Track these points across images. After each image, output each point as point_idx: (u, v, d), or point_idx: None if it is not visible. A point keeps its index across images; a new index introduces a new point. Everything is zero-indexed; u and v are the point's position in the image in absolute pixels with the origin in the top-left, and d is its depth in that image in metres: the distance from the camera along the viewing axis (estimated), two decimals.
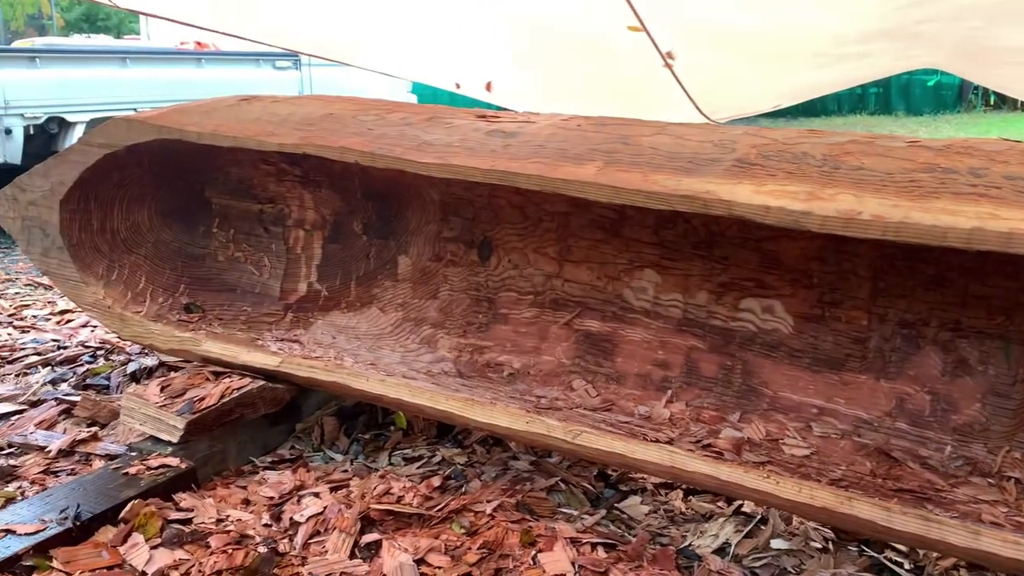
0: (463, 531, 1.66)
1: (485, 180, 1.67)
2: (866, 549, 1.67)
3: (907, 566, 1.61)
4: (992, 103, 13.75)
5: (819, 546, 1.67)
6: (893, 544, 1.64)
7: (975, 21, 2.67)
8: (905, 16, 2.69)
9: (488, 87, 3.20)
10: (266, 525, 1.67)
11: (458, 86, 3.24)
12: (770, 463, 1.62)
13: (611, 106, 3.31)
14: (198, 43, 6.66)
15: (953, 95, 13.80)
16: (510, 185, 1.66)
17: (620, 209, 1.97)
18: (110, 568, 1.50)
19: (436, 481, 1.86)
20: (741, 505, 1.81)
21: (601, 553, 1.59)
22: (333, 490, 1.80)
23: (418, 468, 1.98)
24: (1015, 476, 1.55)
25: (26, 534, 1.54)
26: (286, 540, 1.62)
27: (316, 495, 1.76)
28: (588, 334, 2.08)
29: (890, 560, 1.63)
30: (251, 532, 1.64)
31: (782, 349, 1.84)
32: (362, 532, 1.64)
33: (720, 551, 1.67)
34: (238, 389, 1.95)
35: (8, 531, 1.54)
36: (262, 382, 1.99)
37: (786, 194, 1.38)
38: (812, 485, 1.41)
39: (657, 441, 1.67)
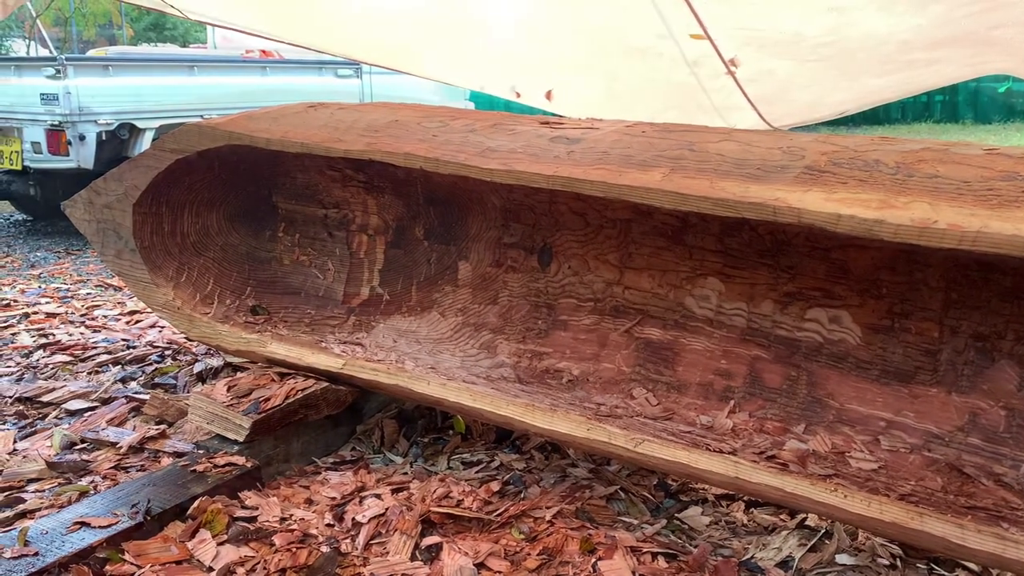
0: (523, 537, 1.66)
1: (549, 186, 1.68)
2: (936, 567, 1.62)
3: None
4: None
5: (886, 563, 1.63)
6: (964, 563, 1.60)
7: None
8: (977, 22, 2.62)
9: (548, 96, 3.20)
10: (328, 525, 1.70)
11: (518, 95, 3.26)
12: (836, 476, 1.59)
13: (672, 114, 3.30)
14: (263, 52, 6.81)
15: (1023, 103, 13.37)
16: (574, 191, 1.66)
17: (683, 216, 1.95)
18: (179, 563, 1.54)
19: (495, 486, 1.86)
20: (805, 519, 1.78)
21: (662, 563, 1.58)
22: (394, 492, 1.81)
23: (477, 473, 1.99)
24: None
25: (99, 527, 1.58)
26: (348, 540, 1.64)
27: (378, 496, 1.78)
28: (648, 342, 2.06)
29: None
30: (314, 531, 1.67)
31: (849, 360, 1.81)
32: (423, 535, 1.65)
33: (783, 564, 1.64)
34: (302, 391, 1.99)
35: (83, 523, 1.59)
36: (325, 384, 2.02)
37: (858, 202, 1.36)
38: (882, 500, 1.38)
39: (720, 451, 1.65)
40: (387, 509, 1.71)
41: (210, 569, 1.52)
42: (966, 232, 1.25)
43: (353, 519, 1.70)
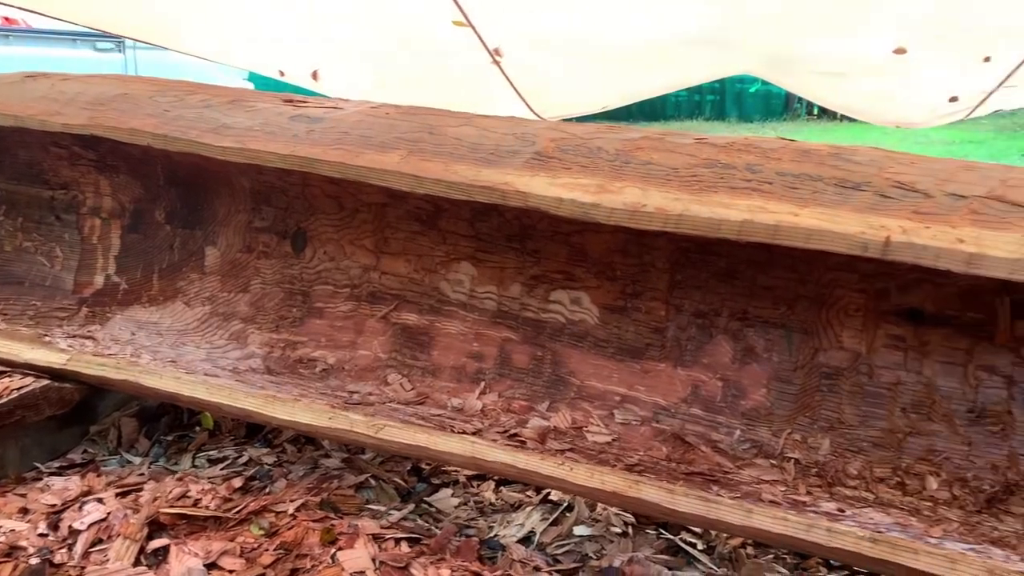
0: (262, 532, 1.59)
1: (285, 166, 1.62)
2: (664, 532, 1.73)
3: (700, 546, 1.69)
4: (815, 113, 14.75)
5: (619, 531, 1.72)
6: (688, 526, 1.72)
7: (778, 31, 2.84)
8: (718, 23, 2.83)
9: (315, 76, 3.11)
10: (42, 535, 1.55)
11: (282, 74, 3.14)
12: (572, 450, 1.65)
13: (443, 100, 3.30)
14: (6, 19, 6.13)
15: (780, 104, 14.73)
16: (311, 171, 1.61)
17: (435, 201, 1.95)
18: None
19: (238, 482, 1.78)
20: (548, 494, 1.84)
21: (404, 548, 1.57)
22: (122, 495, 1.68)
23: (222, 469, 1.89)
24: (795, 457, 1.65)
25: None
26: (64, 550, 1.50)
27: (100, 501, 1.64)
28: (405, 327, 2.05)
29: (684, 541, 1.70)
30: (24, 543, 1.51)
31: (589, 339, 1.89)
32: (150, 538, 1.54)
33: (526, 540, 1.69)
34: (18, 390, 1.80)
35: None
36: (47, 382, 1.84)
37: (578, 187, 1.41)
38: (604, 470, 1.45)
39: (463, 432, 1.66)
40: (109, 513, 1.58)
41: None
42: (670, 215, 1.33)
43: (70, 527, 1.56)
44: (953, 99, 3.22)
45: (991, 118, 11.14)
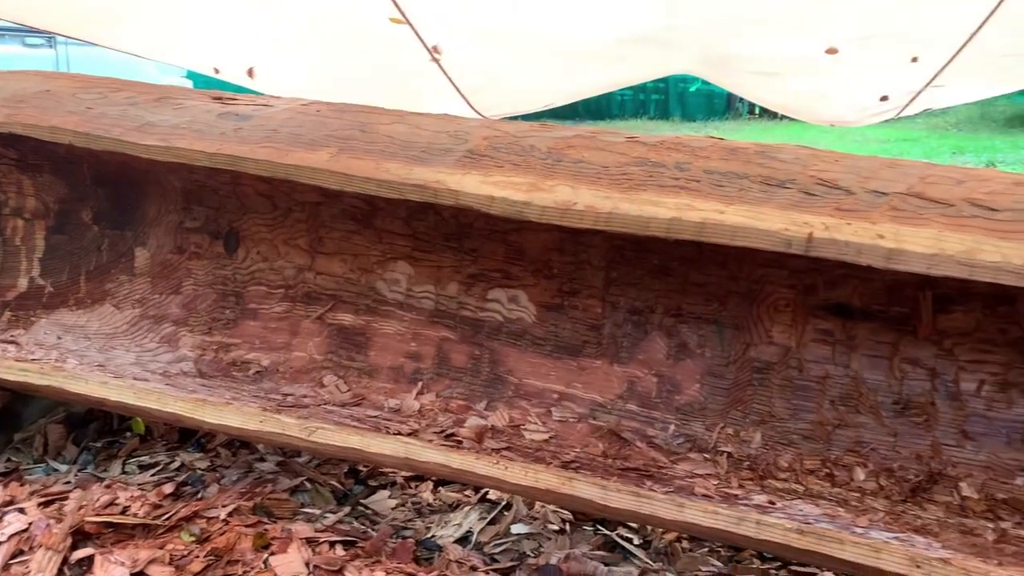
0: (193, 539, 1.56)
1: (211, 164, 1.58)
2: (601, 528, 1.74)
3: (636, 541, 1.70)
4: (756, 112, 14.99)
5: (557, 528, 1.72)
6: (625, 522, 1.73)
7: (714, 30, 2.88)
8: (655, 23, 2.85)
9: (251, 73, 3.05)
10: None
11: (217, 71, 3.07)
12: (509, 449, 1.65)
13: (382, 98, 3.27)
14: None
15: (723, 103, 14.96)
16: (239, 170, 1.58)
17: (370, 200, 1.93)
18: None
19: (169, 488, 1.74)
20: (487, 493, 1.84)
21: (339, 551, 1.55)
22: (46, 504, 1.63)
23: (152, 476, 1.85)
24: (727, 450, 1.67)
25: None
26: None
27: (22, 511, 1.59)
28: (341, 328, 2.02)
29: (621, 537, 1.71)
30: None
31: (526, 338, 1.89)
32: (74, 548, 1.50)
33: (463, 540, 1.68)
34: None
35: None
36: None
37: (510, 185, 1.41)
38: (538, 468, 1.45)
39: (399, 434, 1.65)
40: (31, 524, 1.53)
41: None
42: (600, 213, 1.34)
43: None
44: (884, 98, 3.30)
45: (925, 117, 11.47)
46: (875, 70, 3.02)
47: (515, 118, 4.28)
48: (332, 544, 1.57)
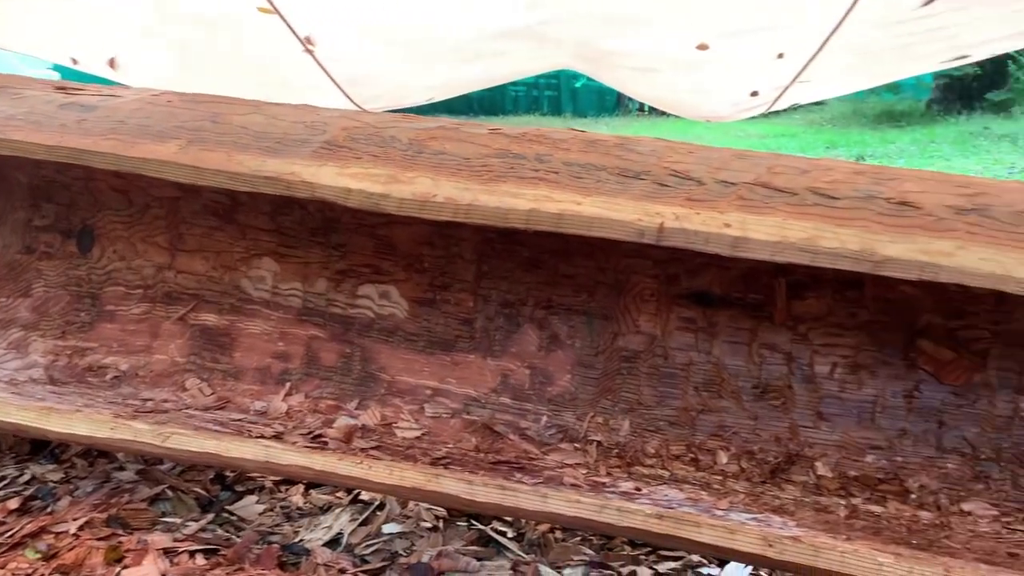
0: (38, 556, 1.46)
1: (50, 157, 1.49)
2: (475, 523, 1.73)
3: (510, 535, 1.70)
4: (645, 109, 15.32)
5: (430, 525, 1.70)
6: (496, 516, 1.72)
7: (587, 25, 2.90)
8: (528, 16, 2.86)
9: (112, 64, 2.89)
10: None
11: (75, 62, 2.90)
12: (378, 448, 1.62)
13: (256, 91, 3.17)
14: None
15: (613, 100, 15.23)
16: (81, 164, 1.49)
17: (232, 194, 1.86)
18: None
19: (14, 503, 1.63)
20: (359, 494, 1.80)
21: (199, 560, 1.49)
22: None
23: None
24: (597, 439, 1.69)
25: None
26: None
27: None
28: (204, 329, 1.94)
29: (495, 531, 1.70)
30: None
31: (399, 334, 1.86)
32: None
33: (333, 542, 1.64)
34: None
35: None
36: None
37: (368, 176, 1.38)
38: (403, 466, 1.42)
39: (262, 436, 1.59)
40: None
41: None
42: (459, 205, 1.32)
43: None
44: (754, 93, 3.42)
45: (803, 113, 12.00)
46: (744, 66, 3.12)
47: (399, 111, 4.22)
48: (192, 553, 1.50)
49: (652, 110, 14.66)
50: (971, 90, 11.88)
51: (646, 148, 1.44)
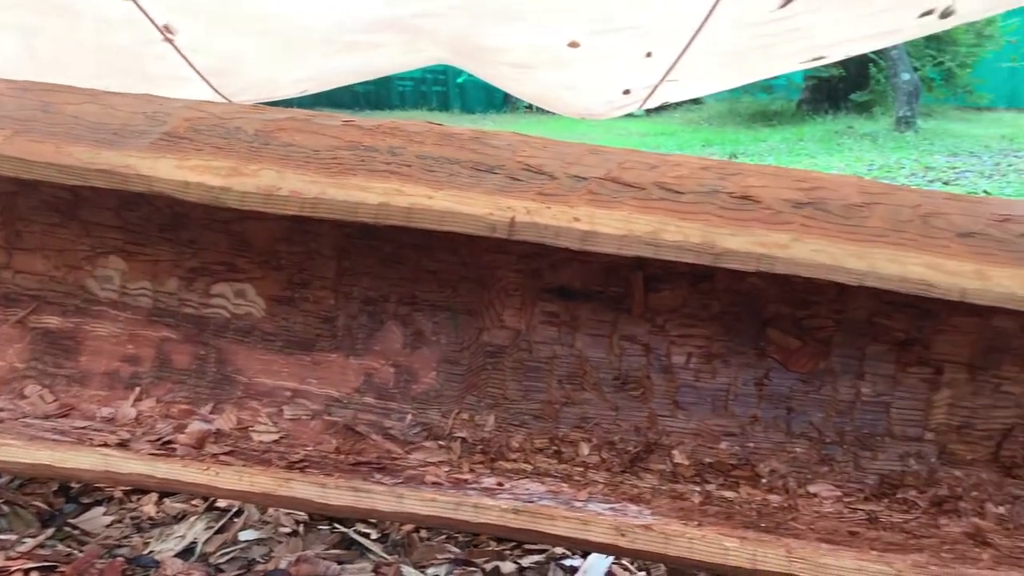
0: None
1: None
2: (338, 526, 1.69)
3: (374, 536, 1.67)
4: (533, 107, 15.46)
5: (289, 530, 1.65)
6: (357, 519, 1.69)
7: (461, 19, 2.89)
8: (400, 8, 2.81)
9: None
10: None
11: None
12: (232, 453, 1.56)
13: (112, 82, 3.01)
14: None
15: (501, 96, 15.28)
16: None
17: (74, 189, 1.74)
18: None
19: None
20: (215, 501, 1.73)
21: None
22: None
23: None
24: (462, 436, 1.68)
25: None
26: None
27: None
28: (47, 332, 1.82)
29: (359, 533, 1.67)
30: None
31: (256, 334, 1.79)
32: None
33: (187, 552, 1.57)
34: None
35: None
36: None
37: (209, 169, 1.32)
38: (254, 471, 1.37)
39: (104, 445, 1.50)
40: None
41: None
42: (306, 199, 1.28)
43: None
44: (626, 92, 3.48)
45: (682, 112, 12.38)
46: (615, 64, 3.18)
47: (272, 104, 4.10)
48: (27, 572, 1.41)
49: (540, 108, 14.82)
50: (837, 91, 12.55)
51: (501, 142, 1.43)
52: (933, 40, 11.68)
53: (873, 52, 11.18)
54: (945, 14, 2.75)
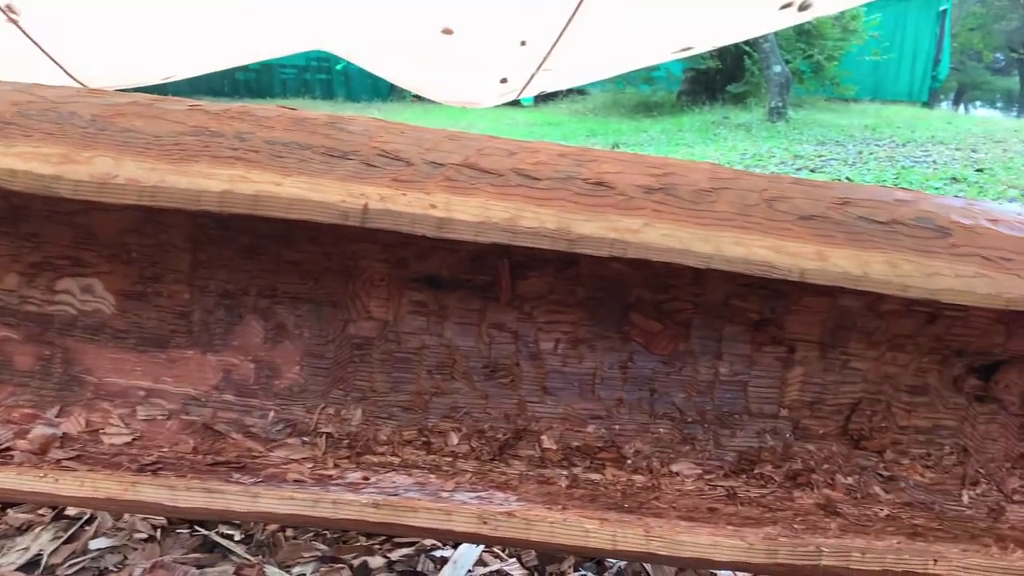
0: None
1: None
2: (199, 529, 1.62)
3: (238, 537, 1.61)
4: (419, 96, 15.32)
5: (145, 536, 1.57)
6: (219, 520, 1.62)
7: (330, 3, 2.81)
8: None
9: None
10: None
11: None
12: (79, 457, 1.47)
13: None
14: None
15: (387, 85, 15.08)
16: None
17: None
18: None
19: None
20: (63, 510, 1.63)
21: None
22: None
23: None
24: (327, 431, 1.64)
25: None
26: None
27: None
28: None
29: (221, 535, 1.60)
30: None
31: (106, 332, 1.69)
32: None
33: (32, 565, 1.47)
34: None
35: None
36: None
37: (38, 156, 1.23)
38: (96, 477, 1.29)
39: None
40: None
41: None
42: (144, 187, 1.21)
43: None
44: (504, 80, 3.48)
45: (568, 102, 12.53)
46: (490, 52, 3.17)
47: (134, 91, 3.90)
48: None
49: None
50: (715, 83, 12.99)
51: (357, 128, 1.40)
52: (803, 34, 12.25)
53: (747, 45, 11.63)
54: (803, 7, 2.87)
